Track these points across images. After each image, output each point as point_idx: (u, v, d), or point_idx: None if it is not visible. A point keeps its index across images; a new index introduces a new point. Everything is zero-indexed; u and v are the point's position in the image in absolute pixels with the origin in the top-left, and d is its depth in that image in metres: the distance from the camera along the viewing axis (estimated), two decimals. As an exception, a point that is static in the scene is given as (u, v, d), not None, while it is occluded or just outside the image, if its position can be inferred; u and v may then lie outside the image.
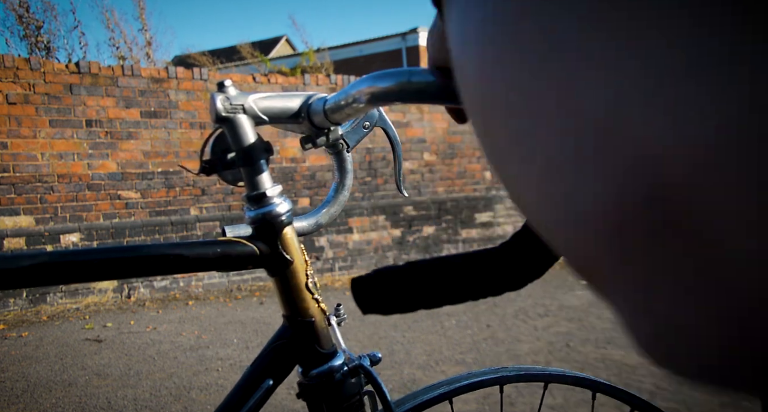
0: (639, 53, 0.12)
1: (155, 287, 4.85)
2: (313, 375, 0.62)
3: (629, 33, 0.12)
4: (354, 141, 0.66)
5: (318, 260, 5.53)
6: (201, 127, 5.05)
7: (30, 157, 4.41)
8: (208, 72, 5.09)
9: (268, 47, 18.97)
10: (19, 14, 5.69)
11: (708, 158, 0.11)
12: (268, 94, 0.57)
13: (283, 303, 0.61)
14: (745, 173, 0.11)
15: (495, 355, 3.05)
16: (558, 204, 0.15)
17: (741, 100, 0.10)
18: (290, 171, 5.46)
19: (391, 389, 2.59)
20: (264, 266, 0.59)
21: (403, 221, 5.99)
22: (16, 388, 2.79)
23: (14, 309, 4.32)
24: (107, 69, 4.70)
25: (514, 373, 0.77)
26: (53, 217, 4.50)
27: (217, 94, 0.55)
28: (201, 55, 9.09)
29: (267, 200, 0.58)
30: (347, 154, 0.68)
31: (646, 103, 0.12)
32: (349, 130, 0.66)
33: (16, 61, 4.34)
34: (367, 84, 0.47)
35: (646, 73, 0.12)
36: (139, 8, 7.03)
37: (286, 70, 6.23)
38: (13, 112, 4.32)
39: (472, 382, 0.76)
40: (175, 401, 2.57)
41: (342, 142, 0.66)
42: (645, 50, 0.12)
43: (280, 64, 7.39)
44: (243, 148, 0.56)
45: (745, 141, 0.10)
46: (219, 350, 3.32)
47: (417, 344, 3.28)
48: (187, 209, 5.02)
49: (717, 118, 0.11)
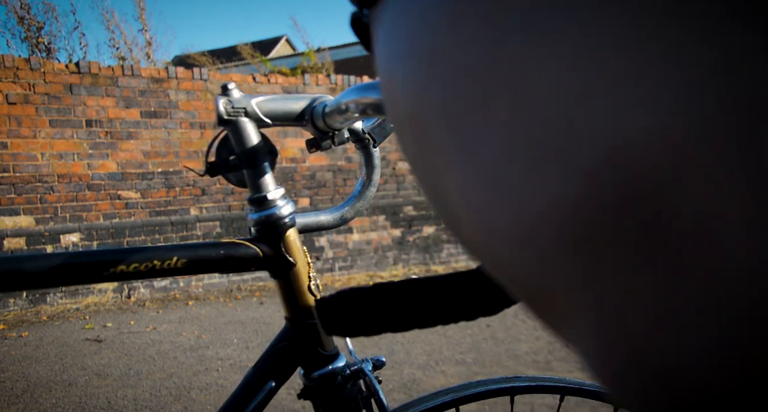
0: (605, 34, 0.10)
1: (155, 287, 4.85)
2: (314, 377, 0.62)
3: (593, 13, 0.10)
4: (381, 137, 0.65)
5: (318, 260, 5.53)
6: (201, 128, 5.05)
7: (30, 157, 4.41)
8: (208, 72, 5.09)
9: (268, 47, 18.96)
10: (21, 16, 5.69)
11: (700, 149, 0.09)
12: (271, 97, 0.57)
13: (286, 305, 0.61)
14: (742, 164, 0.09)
15: (495, 355, 3.05)
16: (505, 216, 0.13)
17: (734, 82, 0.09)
18: (290, 171, 5.46)
19: (390, 389, 2.59)
20: (267, 268, 0.59)
21: (403, 221, 5.99)
22: (16, 388, 2.79)
23: (14, 309, 4.32)
24: (107, 69, 4.70)
25: (526, 383, 0.74)
26: (53, 217, 4.50)
27: (220, 97, 0.55)
28: (201, 55, 9.09)
29: (270, 203, 0.58)
30: (374, 149, 0.67)
31: (617, 91, 0.10)
32: (375, 125, 0.64)
33: (16, 61, 4.34)
34: (356, 95, 0.46)
35: (617, 55, 0.10)
36: (139, 9, 7.03)
37: (286, 70, 6.23)
38: (13, 112, 4.32)
39: (480, 391, 0.73)
40: (175, 401, 2.57)
41: (368, 138, 0.65)
42: (612, 31, 0.10)
43: (281, 65, 7.38)
44: (246, 151, 0.56)
45: (742, 127, 0.09)
46: (219, 350, 3.32)
47: (417, 343, 3.28)
48: (187, 209, 5.02)
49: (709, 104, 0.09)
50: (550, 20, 0.11)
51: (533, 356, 2.99)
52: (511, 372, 2.83)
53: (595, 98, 0.10)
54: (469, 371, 2.84)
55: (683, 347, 0.10)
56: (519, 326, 3.62)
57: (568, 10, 0.11)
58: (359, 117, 0.50)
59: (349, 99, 0.46)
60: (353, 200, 0.69)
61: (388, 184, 5.93)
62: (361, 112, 0.47)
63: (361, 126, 0.64)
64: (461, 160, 0.14)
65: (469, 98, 0.13)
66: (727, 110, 0.09)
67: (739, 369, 0.09)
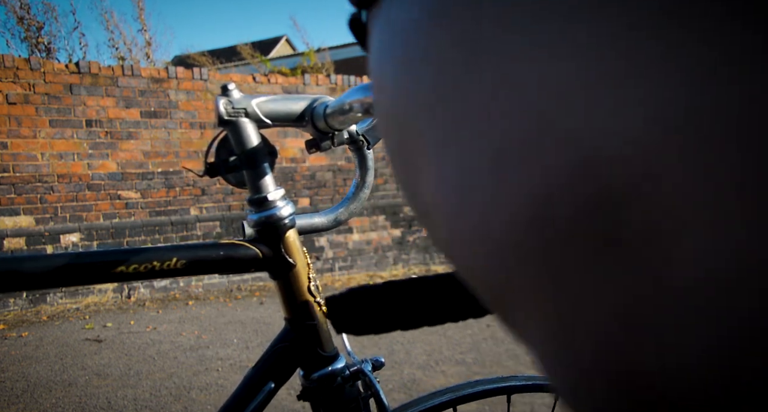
0: (576, 40, 0.10)
1: (155, 287, 4.85)
2: (314, 378, 0.62)
3: (561, 24, 0.10)
4: (375, 138, 0.65)
5: (318, 260, 5.53)
6: (201, 128, 5.05)
7: (30, 157, 4.41)
8: (208, 72, 5.09)
9: (268, 47, 18.96)
10: (20, 16, 5.69)
11: (670, 154, 0.09)
12: (271, 98, 0.57)
13: (285, 306, 0.61)
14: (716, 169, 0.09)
15: (495, 355, 3.05)
16: (474, 217, 0.13)
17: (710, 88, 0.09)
18: (290, 171, 5.46)
19: (390, 389, 2.59)
20: (266, 269, 0.59)
21: (403, 220, 5.99)
22: (16, 388, 2.79)
23: (14, 309, 4.32)
24: (107, 69, 4.70)
25: (523, 382, 0.74)
26: (53, 217, 4.50)
27: (220, 98, 0.55)
28: (201, 55, 9.09)
29: (270, 204, 0.58)
30: (368, 151, 0.67)
31: (587, 95, 0.10)
32: (369, 127, 0.64)
33: (16, 61, 4.34)
34: (361, 94, 0.46)
35: (587, 64, 0.10)
36: (138, 9, 7.03)
37: (286, 70, 6.23)
38: (13, 112, 4.32)
39: (478, 390, 0.74)
40: (175, 401, 2.57)
41: (362, 140, 0.65)
42: (585, 37, 0.10)
43: (281, 65, 7.38)
44: (245, 152, 0.56)
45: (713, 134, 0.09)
46: (219, 350, 3.32)
47: (417, 343, 3.28)
48: (187, 209, 5.02)
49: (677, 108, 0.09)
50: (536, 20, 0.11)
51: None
52: (511, 372, 2.83)
53: (577, 100, 0.10)
54: (469, 371, 2.84)
55: (644, 351, 0.10)
56: (519, 326, 3.62)
57: (570, 11, 0.10)
58: (362, 117, 0.50)
59: (353, 99, 0.46)
60: (347, 202, 0.69)
61: (388, 184, 5.93)
62: (365, 112, 0.47)
63: (355, 128, 0.64)
64: (435, 159, 0.14)
65: (446, 96, 0.13)
66: (720, 112, 0.09)
67: (704, 372, 0.09)
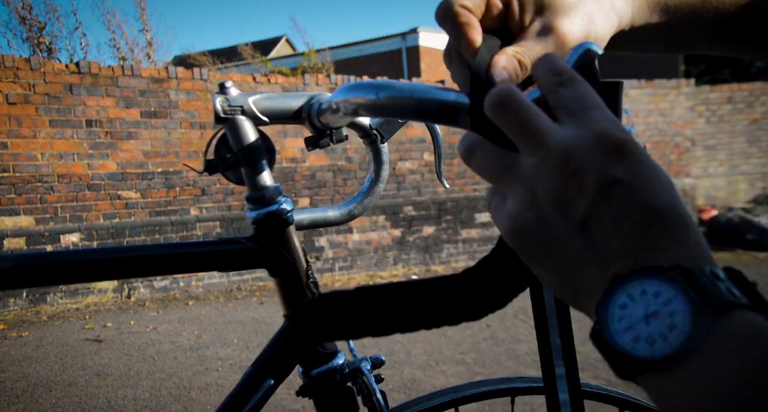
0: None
1: (155, 287, 4.85)
2: (313, 375, 0.62)
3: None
4: (389, 132, 0.64)
5: (318, 260, 5.53)
6: (201, 127, 5.05)
7: (30, 157, 4.41)
8: (208, 72, 5.09)
9: (268, 47, 18.96)
10: (22, 16, 5.69)
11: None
12: (268, 95, 0.57)
13: (284, 303, 0.61)
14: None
15: (495, 355, 3.05)
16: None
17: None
18: (290, 171, 5.46)
19: (390, 389, 2.59)
20: (265, 266, 0.59)
21: (403, 220, 5.99)
22: (16, 388, 2.79)
23: (14, 309, 4.32)
24: (107, 69, 4.70)
25: (527, 384, 0.73)
26: (53, 217, 4.50)
27: (217, 96, 0.55)
28: (201, 55, 9.09)
29: (268, 201, 0.58)
30: (382, 145, 0.66)
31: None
32: (383, 121, 0.63)
33: (16, 61, 4.34)
34: (347, 95, 0.44)
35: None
36: (140, 9, 7.04)
37: (286, 70, 6.23)
38: (13, 112, 4.32)
39: (481, 391, 0.73)
40: (175, 401, 2.57)
41: (376, 134, 0.64)
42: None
43: (281, 65, 7.39)
44: (243, 149, 0.56)
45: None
46: (219, 350, 3.32)
47: (417, 343, 3.28)
48: (187, 209, 5.02)
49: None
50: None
51: (533, 356, 2.99)
52: (511, 372, 2.83)
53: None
54: (469, 371, 2.84)
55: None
56: (519, 326, 3.62)
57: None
58: (351, 117, 0.49)
59: (339, 99, 0.45)
60: (361, 197, 0.69)
61: (388, 184, 5.93)
62: (353, 113, 0.45)
63: (369, 122, 0.63)
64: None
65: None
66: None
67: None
